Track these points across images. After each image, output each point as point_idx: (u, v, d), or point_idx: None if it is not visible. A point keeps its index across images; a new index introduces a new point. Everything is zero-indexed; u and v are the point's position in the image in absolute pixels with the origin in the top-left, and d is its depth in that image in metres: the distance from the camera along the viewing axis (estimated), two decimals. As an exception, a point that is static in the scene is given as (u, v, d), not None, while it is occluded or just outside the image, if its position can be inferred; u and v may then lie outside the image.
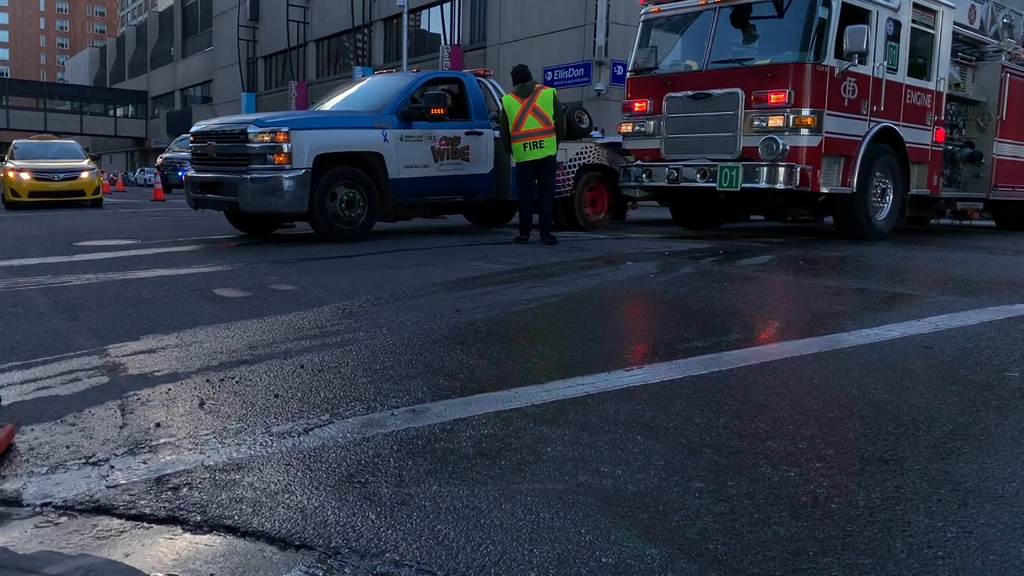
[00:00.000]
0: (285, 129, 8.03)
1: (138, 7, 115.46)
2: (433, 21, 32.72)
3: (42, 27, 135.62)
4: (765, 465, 2.30)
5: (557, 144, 8.61)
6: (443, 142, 9.17)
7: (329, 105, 9.86)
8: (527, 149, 8.47)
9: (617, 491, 2.12)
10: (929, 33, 10.08)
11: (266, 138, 8.01)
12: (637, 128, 9.86)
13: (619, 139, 10.75)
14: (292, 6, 39.57)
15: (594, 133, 12.39)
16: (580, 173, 10.27)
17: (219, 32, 49.21)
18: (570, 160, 10.12)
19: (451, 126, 9.35)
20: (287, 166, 8.01)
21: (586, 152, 10.36)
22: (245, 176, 8.05)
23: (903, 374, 3.30)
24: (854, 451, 2.43)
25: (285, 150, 8.00)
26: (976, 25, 11.41)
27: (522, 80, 8.61)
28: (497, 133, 9.50)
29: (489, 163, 9.72)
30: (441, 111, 9.02)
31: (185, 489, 2.12)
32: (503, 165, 9.71)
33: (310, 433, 2.55)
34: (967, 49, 11.42)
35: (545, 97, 8.44)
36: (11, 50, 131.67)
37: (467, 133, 9.46)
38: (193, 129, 9.10)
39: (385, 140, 8.64)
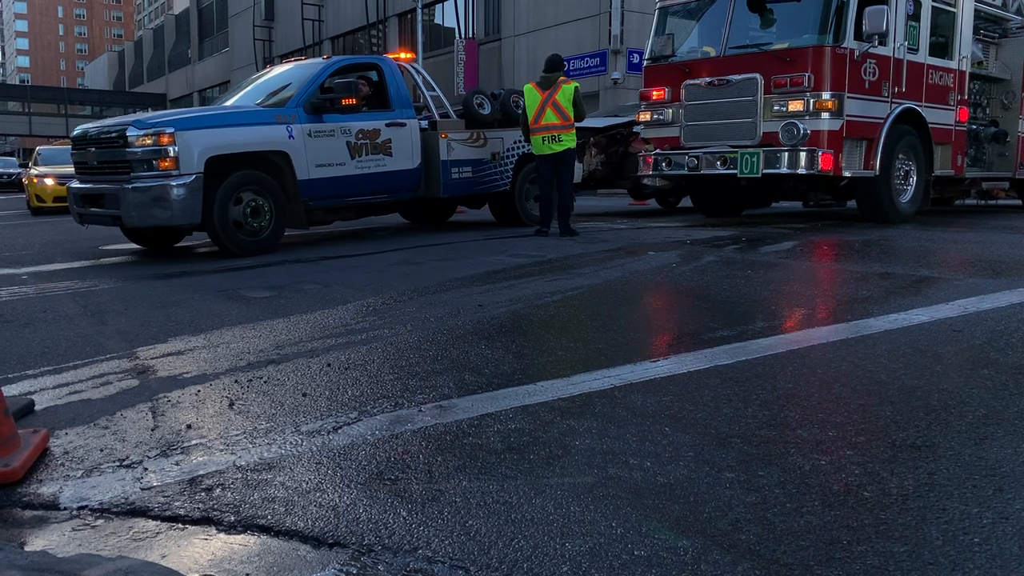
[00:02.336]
0: (169, 130, 7.04)
1: (154, 11, 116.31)
2: (448, 15, 32.67)
3: (61, 33, 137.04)
4: (796, 454, 2.29)
5: (576, 138, 8.59)
6: (360, 136, 8.20)
7: (232, 100, 8.84)
8: (546, 143, 8.45)
9: (647, 483, 2.11)
10: (950, 11, 9.93)
11: (148, 141, 7.01)
12: (655, 116, 9.80)
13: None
14: (307, 4, 39.66)
15: None
16: (521, 164, 9.59)
17: (235, 33, 49.45)
18: (507, 150, 9.47)
19: (369, 118, 8.40)
20: (174, 172, 7.00)
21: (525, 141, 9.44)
22: (127, 186, 7.06)
23: (933, 359, 3.27)
24: (885, 438, 2.41)
25: (171, 154, 6.99)
26: (998, 1, 11.22)
27: (549, 71, 8.57)
28: (425, 123, 8.96)
29: (415, 157, 8.75)
30: (353, 101, 8.07)
31: (218, 490, 2.14)
32: (432, 159, 8.90)
33: (339, 431, 2.56)
34: (989, 26, 11.23)
35: (566, 92, 8.39)
36: (31, 57, 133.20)
37: (388, 125, 8.48)
38: (72, 134, 8.16)
39: (291, 137, 7.66)
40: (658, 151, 9.75)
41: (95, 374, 3.36)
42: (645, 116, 9.98)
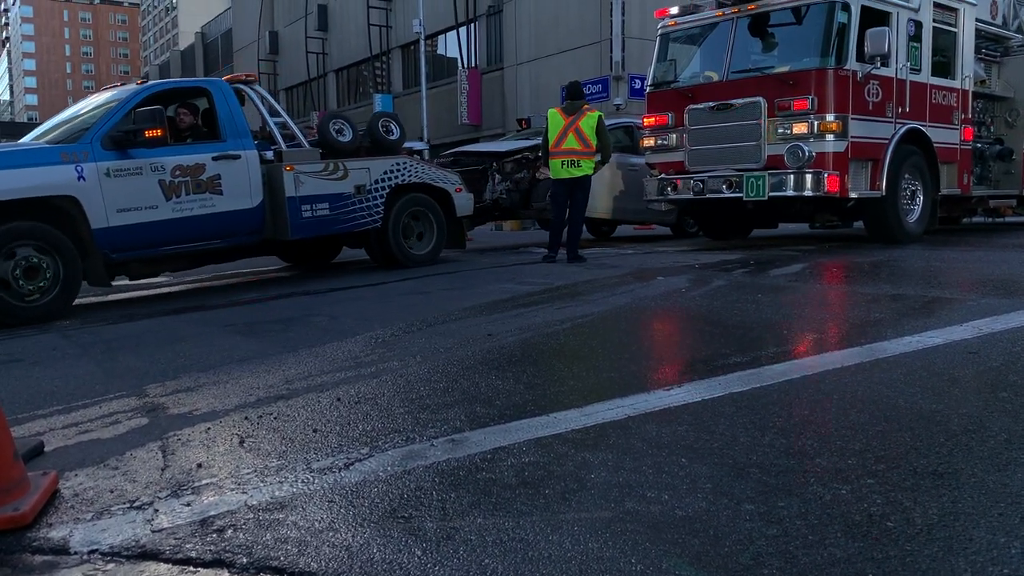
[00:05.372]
0: None
1: (160, 47, 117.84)
2: (450, 45, 32.99)
3: (68, 71, 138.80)
4: (815, 483, 2.25)
5: (595, 168, 8.61)
6: (178, 173, 6.84)
7: (28, 137, 7.65)
8: (564, 167, 8.50)
9: (665, 517, 2.07)
10: (951, 31, 9.97)
11: None
12: (659, 142, 9.82)
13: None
14: (311, 38, 40.11)
15: (416, 144, 10.65)
16: (393, 197, 8.41)
17: (240, 67, 49.98)
18: (375, 182, 8.21)
19: (190, 151, 7.06)
20: None
21: (399, 170, 8.48)
22: None
23: (950, 382, 3.23)
24: (906, 465, 2.37)
25: None
26: (999, 20, 11.27)
27: (572, 97, 8.68)
28: (270, 154, 7.79)
29: (255, 194, 7.39)
30: (158, 132, 6.58)
31: (230, 531, 2.11)
32: (277, 196, 7.55)
33: (351, 468, 2.53)
34: (991, 45, 11.27)
35: (589, 120, 8.47)
36: (39, 95, 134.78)
37: (216, 158, 7.11)
38: None
39: (81, 178, 6.28)
40: (663, 176, 9.77)
41: (105, 413, 3.34)
42: (649, 142, 10.00)
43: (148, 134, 6.55)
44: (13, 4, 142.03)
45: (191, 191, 6.94)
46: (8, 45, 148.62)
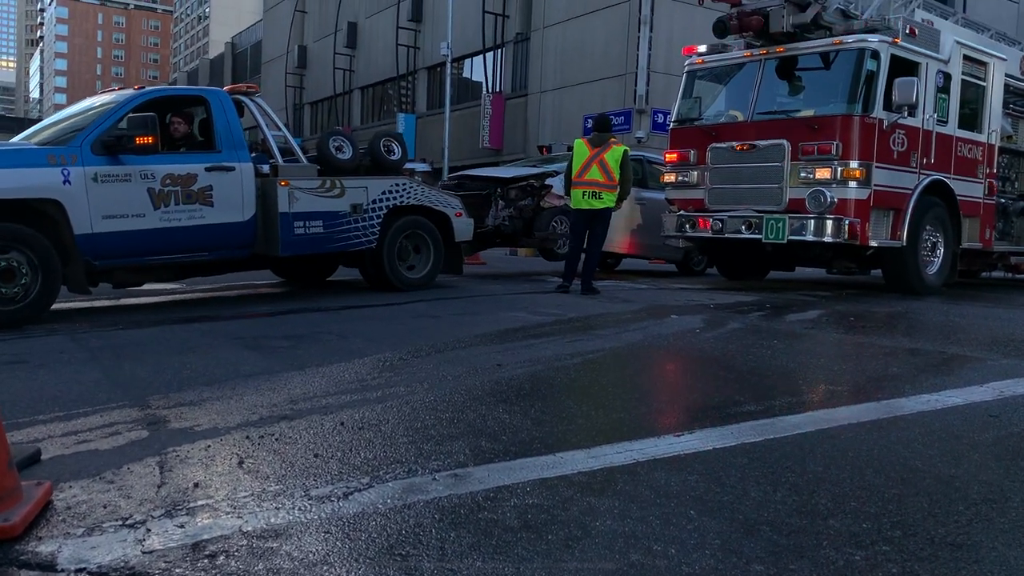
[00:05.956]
0: None
1: (190, 54, 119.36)
2: (476, 69, 33.20)
3: (98, 73, 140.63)
4: (828, 547, 2.17)
5: (617, 201, 8.58)
6: (168, 182, 6.65)
7: (18, 137, 7.41)
8: (585, 197, 8.49)
9: (671, 573, 2.00)
10: (980, 85, 9.93)
11: None
12: (680, 178, 9.79)
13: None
14: (338, 54, 40.51)
15: (418, 165, 10.41)
16: (391, 218, 8.18)
17: (268, 78, 50.50)
18: (372, 202, 7.98)
19: (182, 160, 6.89)
20: None
21: (398, 191, 8.23)
22: None
23: (969, 446, 3.14)
24: (923, 533, 2.28)
25: None
26: (1028, 77, 11.22)
27: (600, 130, 8.70)
28: (267, 167, 7.61)
29: (248, 208, 7.20)
30: (149, 140, 6.38)
31: (222, 557, 2.05)
32: (270, 211, 7.35)
33: (350, 498, 2.47)
34: (1019, 101, 11.23)
35: (615, 153, 8.47)
36: (68, 95, 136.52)
37: (209, 169, 6.92)
38: None
39: (67, 182, 6.08)
40: (682, 212, 9.73)
41: (105, 422, 3.29)
42: (670, 177, 9.97)
43: (139, 141, 6.37)
44: (49, 4, 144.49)
45: (181, 201, 6.76)
46: (42, 44, 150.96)
